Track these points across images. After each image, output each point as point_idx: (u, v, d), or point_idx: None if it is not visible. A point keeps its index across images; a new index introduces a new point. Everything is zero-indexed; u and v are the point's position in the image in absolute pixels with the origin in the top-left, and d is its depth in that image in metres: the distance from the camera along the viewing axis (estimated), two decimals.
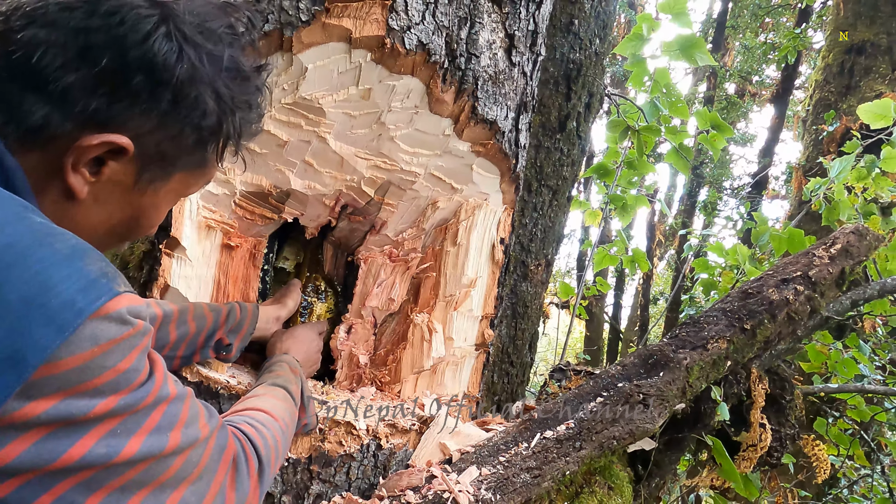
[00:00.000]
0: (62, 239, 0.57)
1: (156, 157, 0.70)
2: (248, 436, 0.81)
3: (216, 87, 0.70)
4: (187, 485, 0.66)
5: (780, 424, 1.61)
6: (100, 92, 0.63)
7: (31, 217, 0.58)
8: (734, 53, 10.77)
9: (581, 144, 2.32)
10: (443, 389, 1.52)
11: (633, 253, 2.71)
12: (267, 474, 0.81)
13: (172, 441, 0.63)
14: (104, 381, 0.56)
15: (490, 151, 1.41)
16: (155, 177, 0.71)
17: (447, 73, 1.25)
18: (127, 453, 0.59)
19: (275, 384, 1.09)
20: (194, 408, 0.69)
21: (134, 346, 0.59)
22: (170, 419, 0.64)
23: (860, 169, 2.46)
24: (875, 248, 1.80)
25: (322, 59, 1.14)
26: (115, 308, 0.57)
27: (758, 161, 9.47)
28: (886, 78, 4.37)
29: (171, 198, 0.76)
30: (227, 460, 0.73)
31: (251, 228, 1.34)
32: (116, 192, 0.69)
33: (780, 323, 1.57)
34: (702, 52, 2.51)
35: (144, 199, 0.72)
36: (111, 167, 0.67)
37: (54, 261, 0.55)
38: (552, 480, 1.27)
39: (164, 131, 0.68)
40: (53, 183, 0.65)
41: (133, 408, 0.59)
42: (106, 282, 0.57)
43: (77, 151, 0.64)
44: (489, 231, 1.53)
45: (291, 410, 1.04)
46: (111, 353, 0.56)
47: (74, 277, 0.55)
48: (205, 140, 0.73)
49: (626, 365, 1.49)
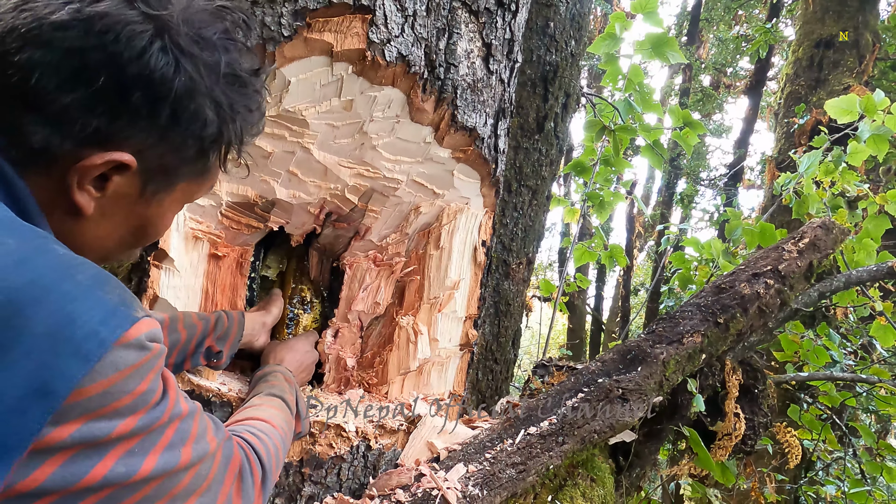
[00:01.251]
0: (83, 270, 0.60)
1: (159, 170, 0.71)
2: (251, 445, 0.85)
3: (215, 96, 0.71)
4: (197, 497, 0.69)
5: (753, 413, 1.68)
6: (99, 111, 0.64)
7: (53, 249, 0.60)
8: (708, 46, 10.90)
9: (559, 144, 2.37)
10: (429, 389, 1.56)
11: (611, 249, 2.78)
12: (269, 482, 0.85)
13: (185, 457, 0.66)
14: (124, 403, 0.59)
15: (470, 157, 1.45)
16: (159, 188, 0.72)
17: (427, 83, 1.28)
18: (144, 471, 0.62)
19: (271, 394, 1.12)
20: (203, 422, 0.72)
21: (151, 368, 0.62)
22: (182, 435, 0.67)
23: (828, 163, 2.54)
24: (841, 242, 1.87)
25: (304, 72, 1.17)
26: (135, 336, 0.59)
27: (733, 152, 9.63)
28: (854, 71, 4.49)
29: (176, 206, 0.77)
30: (233, 471, 0.76)
31: (238, 238, 1.37)
32: (122, 205, 0.70)
33: (751, 316, 1.63)
34: (673, 49, 2.57)
35: (150, 209, 0.74)
36: (115, 182, 0.68)
37: (77, 294, 0.57)
38: (537, 475, 1.32)
39: (165, 144, 0.69)
40: (60, 202, 0.66)
41: (149, 427, 0.62)
42: (125, 309, 0.60)
43: (81, 171, 0.65)
44: (471, 234, 1.57)
45: (288, 419, 1.07)
46: (131, 378, 0.59)
47: (97, 309, 0.57)
48: (206, 149, 0.73)
49: (606, 361, 1.54)
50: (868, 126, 2.52)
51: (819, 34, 4.65)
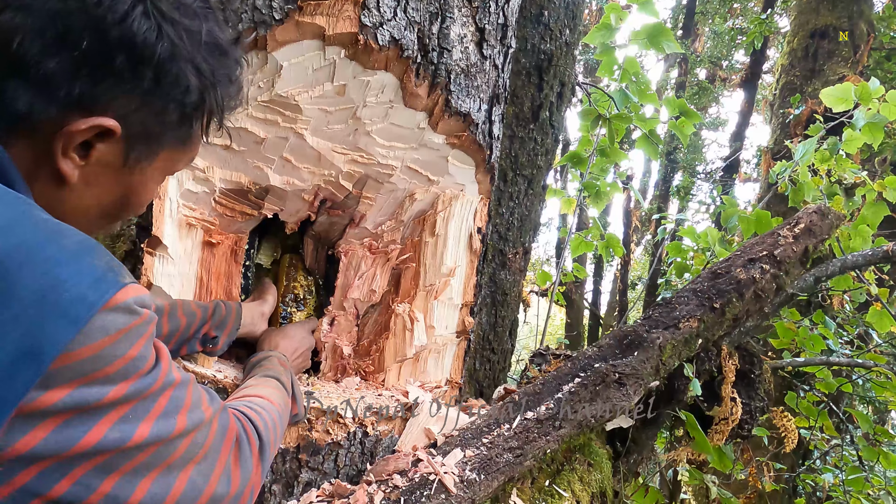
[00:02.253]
0: (69, 235, 0.59)
1: (142, 137, 0.70)
2: (248, 417, 0.85)
3: (196, 62, 0.71)
4: (194, 465, 0.69)
5: (749, 398, 1.68)
6: (82, 75, 0.63)
7: (38, 215, 0.60)
8: (704, 39, 10.90)
9: (554, 133, 2.36)
10: (426, 377, 1.55)
11: (607, 238, 2.78)
12: (268, 453, 0.84)
13: (179, 424, 0.66)
14: (115, 369, 0.59)
15: (465, 143, 1.44)
16: (142, 156, 0.72)
17: (420, 68, 1.28)
18: (138, 437, 0.61)
19: (266, 376, 1.12)
20: (197, 392, 0.72)
21: (141, 334, 0.62)
22: (176, 403, 0.67)
23: (823, 151, 2.54)
24: (836, 227, 1.87)
25: (296, 56, 1.16)
26: (122, 299, 0.59)
27: (730, 145, 9.63)
28: (849, 60, 4.49)
29: (158, 175, 0.77)
30: (230, 440, 0.76)
31: (232, 225, 1.36)
32: (106, 173, 0.70)
33: (747, 301, 1.63)
34: (668, 39, 2.57)
35: (133, 178, 0.73)
36: (99, 150, 0.67)
37: (63, 258, 0.57)
38: (534, 459, 1.32)
39: (148, 110, 0.69)
40: (43, 170, 0.66)
41: (142, 393, 0.62)
42: (113, 275, 0.60)
43: (65, 137, 0.64)
44: (466, 221, 1.57)
45: (284, 398, 1.07)
46: (121, 342, 0.59)
47: (84, 273, 0.57)
48: (188, 116, 0.73)
49: (602, 346, 1.54)
50: (863, 114, 2.52)
51: (814, 24, 4.65)
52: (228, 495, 0.74)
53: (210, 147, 1.23)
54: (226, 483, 0.74)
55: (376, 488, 1.23)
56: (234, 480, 0.75)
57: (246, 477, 0.77)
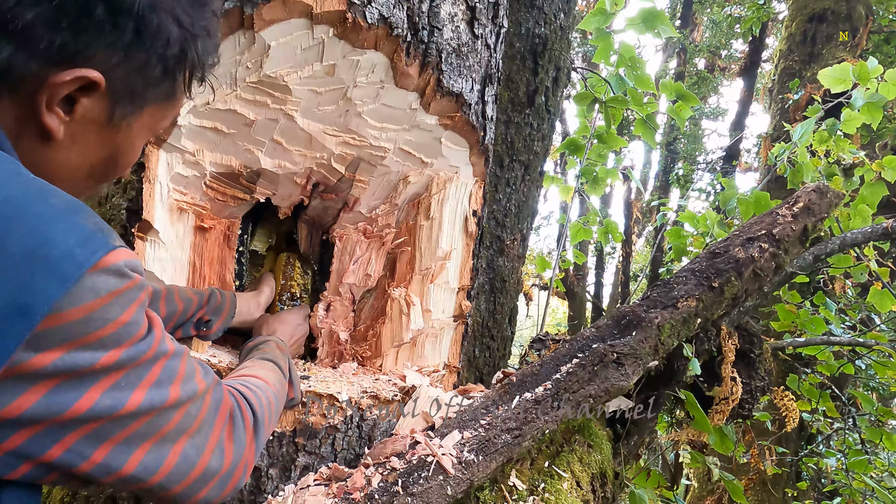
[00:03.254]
0: (57, 194, 0.59)
1: (126, 92, 0.69)
2: (242, 394, 0.84)
3: (176, 14, 0.70)
4: (187, 437, 0.68)
5: (750, 377, 1.67)
6: (62, 26, 0.62)
7: (25, 173, 0.59)
8: (702, 29, 10.86)
9: (550, 119, 2.35)
10: (423, 361, 1.54)
11: (606, 224, 2.76)
12: (262, 430, 0.84)
13: (172, 394, 0.66)
14: (107, 333, 0.58)
15: (457, 124, 1.43)
16: (127, 112, 0.71)
17: (410, 47, 1.27)
18: (131, 405, 0.61)
19: (263, 358, 1.11)
20: (191, 364, 0.71)
21: (133, 299, 0.61)
22: (169, 373, 0.66)
23: (822, 132, 2.52)
24: (836, 205, 1.86)
25: (284, 35, 1.15)
26: (113, 261, 0.58)
27: (729, 134, 9.60)
28: (847, 45, 4.46)
29: (144, 133, 0.76)
30: (223, 414, 0.75)
31: (224, 210, 1.35)
32: (91, 130, 0.69)
33: (746, 280, 1.62)
34: (664, 23, 2.55)
35: (119, 136, 0.72)
36: (84, 105, 0.66)
37: (52, 215, 0.56)
38: (532, 440, 1.31)
39: (130, 64, 0.68)
40: (28, 128, 0.65)
41: (135, 361, 0.61)
42: (102, 236, 0.59)
43: (49, 90, 0.63)
44: (461, 203, 1.56)
45: (281, 380, 1.07)
46: (112, 306, 0.58)
47: (72, 231, 0.56)
48: (171, 70, 0.72)
49: (601, 326, 1.53)
50: (862, 94, 2.50)
51: (812, 8, 4.62)
52: (222, 470, 0.74)
53: (199, 129, 1.21)
54: (219, 457, 0.73)
55: (374, 471, 1.22)
56: (227, 455, 0.75)
57: (239, 453, 0.77)
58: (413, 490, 1.13)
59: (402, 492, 1.13)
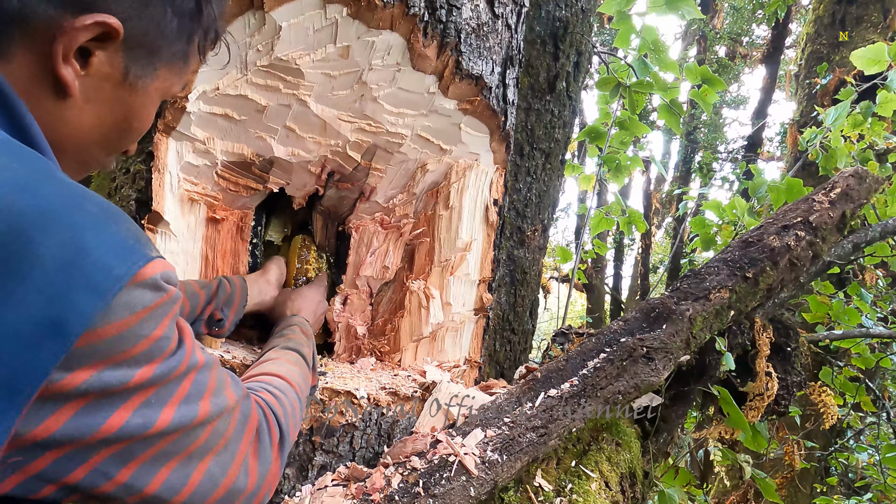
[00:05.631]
0: (92, 200, 0.54)
1: (141, 47, 0.66)
2: (269, 405, 0.80)
3: None
4: (213, 456, 0.65)
5: (786, 373, 1.59)
6: None
7: (60, 177, 0.55)
8: (723, 15, 10.64)
9: (572, 105, 2.27)
10: (443, 356, 1.49)
11: (629, 213, 2.68)
12: (287, 444, 0.80)
13: (202, 410, 0.62)
14: (140, 350, 0.54)
15: (477, 109, 1.37)
16: (141, 71, 0.68)
17: (428, 27, 1.21)
18: (161, 423, 0.57)
19: (287, 347, 1.07)
20: (221, 376, 0.67)
21: (166, 313, 0.57)
22: (199, 388, 0.62)
23: (856, 115, 2.42)
24: (875, 191, 1.77)
25: (296, 16, 1.09)
26: (150, 274, 0.54)
27: (751, 123, 9.40)
28: (878, 26, 4.30)
29: (157, 97, 0.73)
30: (250, 431, 0.72)
31: (236, 200, 1.31)
32: (106, 88, 0.66)
33: (782, 270, 1.54)
34: (688, 4, 2.45)
35: (134, 97, 0.69)
36: (99, 58, 0.63)
37: (88, 224, 0.52)
38: (559, 438, 1.25)
39: (147, 15, 0.65)
40: (42, 84, 0.61)
41: (167, 377, 0.58)
42: (139, 246, 0.55)
43: (66, 37, 0.59)
44: (482, 192, 1.50)
45: (305, 374, 1.03)
46: (146, 322, 0.54)
47: (109, 241, 0.52)
48: (186, 26, 0.69)
49: (629, 320, 1.46)
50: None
51: None
52: (247, 489, 0.70)
53: (209, 116, 1.17)
54: (244, 476, 0.70)
55: (394, 471, 1.17)
56: (252, 473, 0.71)
57: (264, 470, 0.73)
58: (434, 491, 1.08)
59: (423, 493, 1.08)
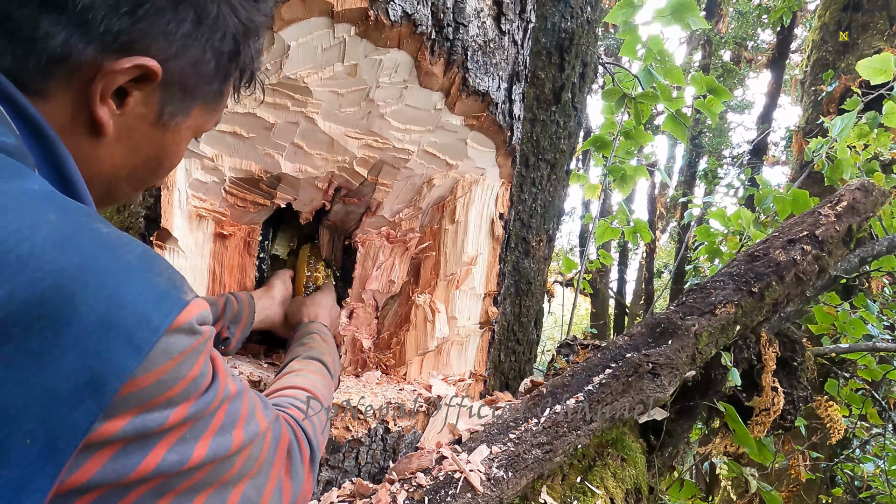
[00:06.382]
0: (130, 250, 0.54)
1: (178, 87, 0.66)
2: (298, 423, 0.81)
3: (234, 5, 0.67)
4: (248, 480, 0.65)
5: (792, 387, 1.59)
6: (122, 10, 0.59)
7: (97, 227, 0.54)
8: (728, 20, 10.62)
9: (577, 116, 2.28)
10: (449, 369, 1.50)
11: (635, 223, 2.68)
12: (317, 458, 0.81)
13: (236, 439, 0.63)
14: (177, 391, 0.55)
15: (484, 124, 1.37)
16: (176, 110, 0.68)
17: (435, 45, 1.21)
18: (196, 458, 0.58)
19: (309, 357, 1.08)
20: (252, 401, 0.68)
21: (201, 352, 0.57)
22: (232, 417, 0.63)
23: (862, 125, 2.41)
24: (882, 204, 1.76)
25: (304, 35, 1.10)
26: (186, 320, 0.55)
27: (756, 128, 9.38)
28: (885, 33, 4.29)
29: (188, 135, 0.73)
30: (283, 451, 0.73)
31: (244, 216, 1.31)
32: (140, 127, 0.66)
33: (788, 284, 1.54)
34: (694, 15, 2.46)
35: (167, 136, 0.69)
36: (135, 98, 0.63)
37: (126, 277, 0.52)
38: (564, 455, 1.26)
39: (186, 56, 0.65)
40: (78, 123, 0.62)
41: (202, 413, 0.58)
42: (175, 292, 0.55)
43: (107, 77, 0.60)
44: (487, 207, 1.50)
45: (329, 385, 1.04)
46: (183, 364, 0.55)
47: (147, 293, 0.52)
48: (223, 67, 0.69)
49: (634, 335, 1.47)
50: None
51: None
52: None
53: (217, 134, 1.17)
54: (278, 496, 0.71)
55: (399, 487, 1.17)
56: (286, 493, 0.72)
57: (297, 490, 0.74)
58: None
59: None
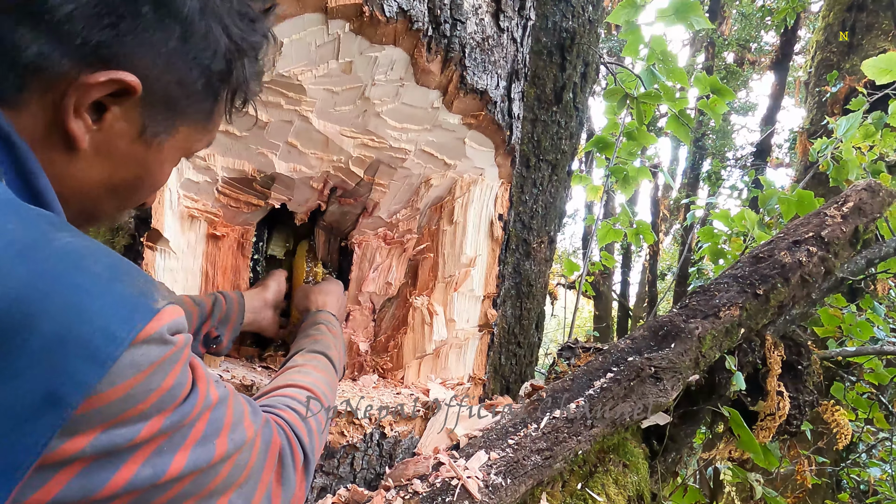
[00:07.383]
0: (98, 258, 0.51)
1: (161, 104, 0.63)
2: (292, 427, 0.77)
3: (226, 23, 0.64)
4: (235, 489, 0.62)
5: (797, 391, 1.56)
6: (104, 23, 0.56)
7: (61, 235, 0.51)
8: (731, 21, 10.59)
9: (579, 116, 2.25)
10: (447, 373, 1.47)
11: (638, 225, 2.65)
12: (312, 465, 0.77)
13: (220, 449, 0.59)
14: (149, 404, 0.52)
15: (482, 123, 1.35)
16: (160, 129, 0.64)
17: (432, 42, 1.19)
18: (174, 470, 0.54)
19: (314, 351, 1.04)
20: (238, 407, 0.64)
21: (176, 361, 0.54)
22: (215, 426, 0.59)
23: (867, 126, 2.38)
24: (888, 205, 1.73)
25: (298, 31, 1.08)
26: (154, 329, 0.51)
27: (760, 130, 9.34)
28: (889, 34, 4.26)
29: (175, 155, 0.69)
30: (272, 458, 0.69)
31: (237, 216, 1.29)
32: (119, 144, 0.62)
33: (793, 286, 1.51)
34: (697, 15, 2.43)
35: (149, 154, 0.65)
36: (114, 113, 0.60)
37: (90, 287, 0.49)
38: (564, 461, 1.23)
39: (171, 73, 0.62)
40: (53, 135, 0.58)
41: (179, 424, 0.55)
42: (145, 300, 0.52)
43: (81, 91, 0.57)
44: (486, 207, 1.47)
45: (332, 381, 1.00)
46: (154, 376, 0.51)
47: (112, 303, 0.49)
48: (213, 86, 0.66)
49: (636, 338, 1.44)
50: None
51: None
52: None
53: None
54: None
55: (395, 494, 1.15)
56: (276, 500, 0.68)
57: (287, 497, 0.70)
58: None
59: None
